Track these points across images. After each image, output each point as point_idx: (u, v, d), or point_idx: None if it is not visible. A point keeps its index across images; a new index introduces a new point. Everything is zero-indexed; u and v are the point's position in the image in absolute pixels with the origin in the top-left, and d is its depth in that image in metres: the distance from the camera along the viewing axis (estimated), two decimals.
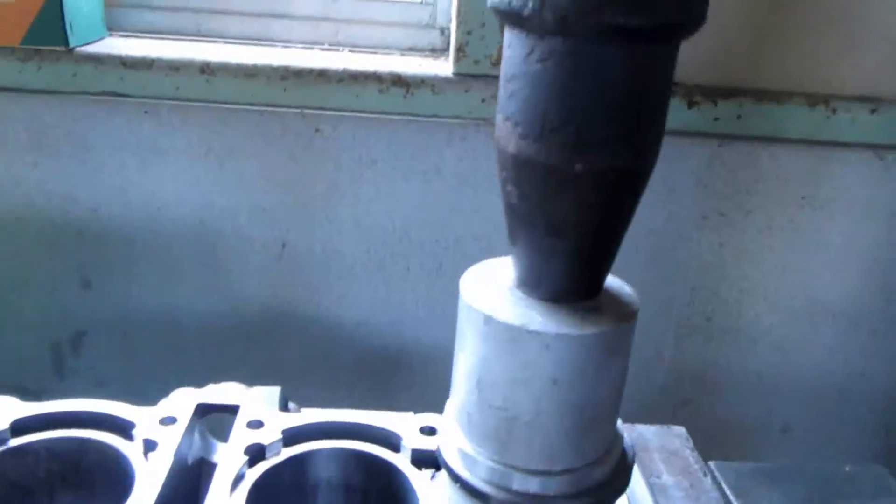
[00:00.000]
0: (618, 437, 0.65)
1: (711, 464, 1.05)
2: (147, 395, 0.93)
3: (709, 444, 1.13)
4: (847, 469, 1.13)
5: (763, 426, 1.87)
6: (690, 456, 0.93)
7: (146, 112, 1.48)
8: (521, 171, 0.53)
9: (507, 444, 0.58)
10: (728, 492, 1.02)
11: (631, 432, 0.94)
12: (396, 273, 1.64)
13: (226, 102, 1.46)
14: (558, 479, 0.58)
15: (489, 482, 0.58)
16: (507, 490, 0.58)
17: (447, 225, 1.60)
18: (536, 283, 0.57)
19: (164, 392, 0.99)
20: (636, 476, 0.69)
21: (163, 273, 1.64)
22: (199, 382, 0.93)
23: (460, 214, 1.60)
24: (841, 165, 1.61)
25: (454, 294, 1.87)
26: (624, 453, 0.64)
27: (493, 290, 0.58)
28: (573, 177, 0.51)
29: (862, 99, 1.54)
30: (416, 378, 1.75)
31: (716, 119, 1.54)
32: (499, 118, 0.54)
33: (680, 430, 0.98)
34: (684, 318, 1.73)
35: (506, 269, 0.60)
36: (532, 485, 0.58)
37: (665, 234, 1.64)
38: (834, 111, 1.54)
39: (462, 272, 1.87)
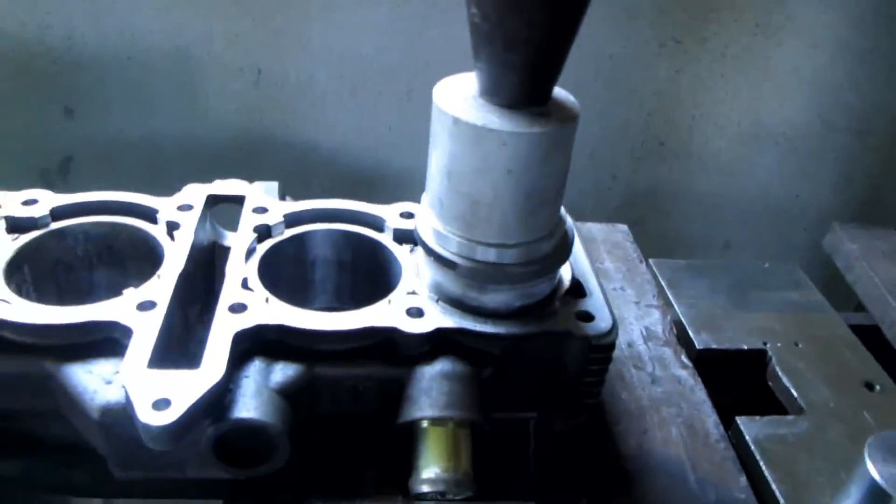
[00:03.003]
0: (561, 220, 0.78)
1: (651, 260, 1.21)
2: None
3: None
4: (766, 266, 1.30)
5: (707, 243, 2.05)
6: (630, 247, 1.08)
7: None
8: None
9: (472, 224, 0.70)
10: (663, 283, 1.19)
11: (581, 228, 1.09)
12: (369, 99, 1.72)
13: None
14: (512, 251, 0.71)
15: (458, 254, 0.72)
16: (473, 260, 0.72)
17: (416, 51, 1.66)
18: (496, 92, 0.67)
19: None
20: (582, 259, 0.82)
21: (142, 100, 1.69)
22: None
23: (429, 40, 1.65)
24: None
25: (425, 119, 1.94)
26: (566, 233, 0.78)
27: (461, 97, 0.69)
28: None
29: None
30: (390, 200, 1.86)
31: None
32: None
33: (623, 227, 1.13)
34: (639, 142, 1.86)
35: (471, 81, 0.70)
36: (491, 255, 0.71)
37: (624, 60, 1.73)
38: None
39: None
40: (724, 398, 1.01)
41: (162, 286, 0.69)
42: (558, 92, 0.71)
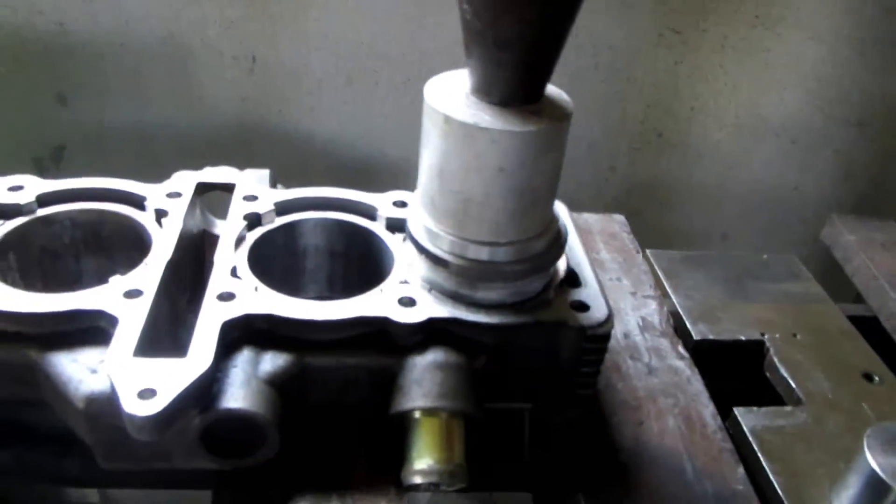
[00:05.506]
0: (554, 219, 0.77)
1: (648, 251, 1.20)
2: None
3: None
4: (764, 258, 1.29)
5: (705, 234, 2.04)
6: (627, 238, 1.07)
7: None
8: None
9: (463, 222, 0.69)
10: (660, 273, 1.18)
11: (577, 219, 1.08)
12: (365, 87, 1.70)
13: None
14: (504, 249, 0.70)
15: (450, 252, 0.71)
16: (464, 258, 0.70)
17: (413, 39, 1.64)
18: (488, 90, 0.66)
19: None
20: (578, 249, 0.80)
21: (135, 87, 1.67)
22: None
23: (426, 28, 1.63)
24: None
25: (421, 108, 1.94)
26: (559, 231, 0.76)
27: (452, 95, 0.67)
28: None
29: None
30: (386, 189, 1.85)
31: None
32: None
33: (620, 217, 1.12)
34: (637, 133, 1.84)
35: (463, 79, 0.69)
36: (483, 253, 0.70)
37: (623, 50, 1.71)
38: None
39: None
40: (722, 389, 1.00)
41: (149, 274, 0.67)
42: (552, 90, 0.70)
